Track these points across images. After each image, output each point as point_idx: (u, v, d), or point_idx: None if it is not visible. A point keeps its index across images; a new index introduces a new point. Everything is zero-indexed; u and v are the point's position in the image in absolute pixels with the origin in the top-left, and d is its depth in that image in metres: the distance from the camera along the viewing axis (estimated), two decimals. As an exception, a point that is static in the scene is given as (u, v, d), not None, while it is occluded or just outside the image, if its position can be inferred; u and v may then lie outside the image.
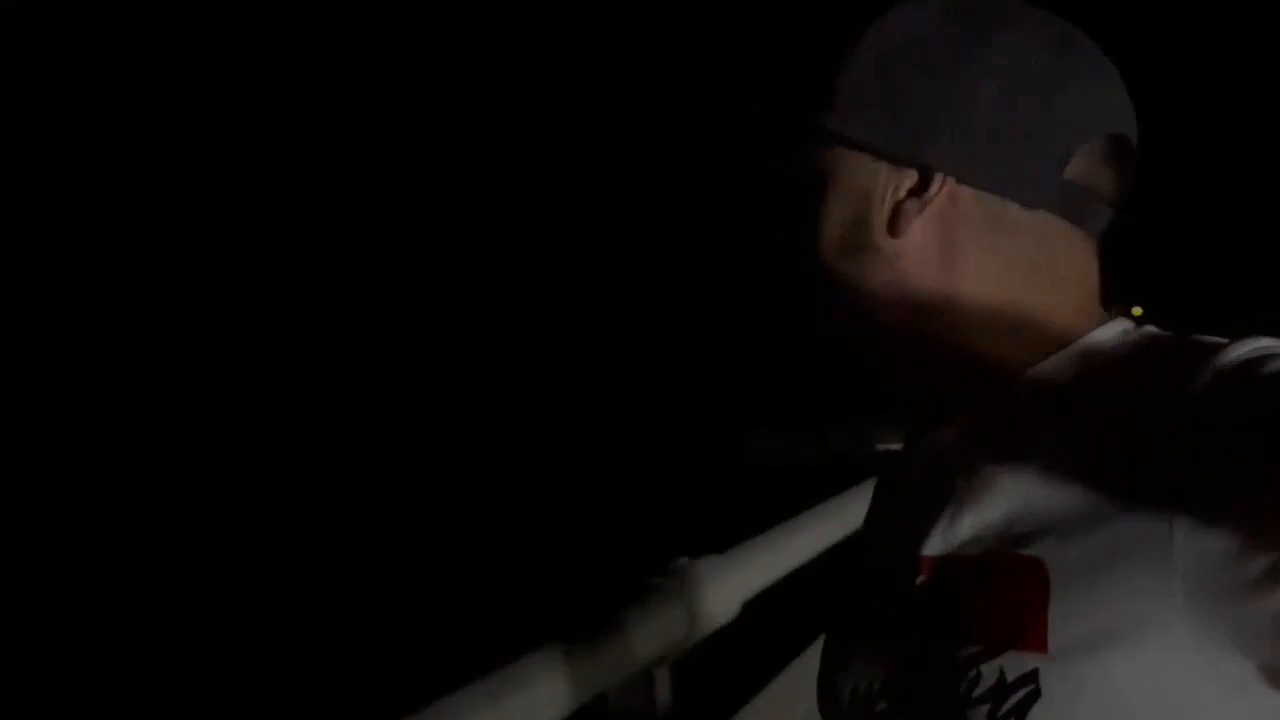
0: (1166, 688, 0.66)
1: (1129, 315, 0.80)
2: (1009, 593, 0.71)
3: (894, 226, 0.79)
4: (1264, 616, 0.62)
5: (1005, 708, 0.69)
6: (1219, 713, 0.66)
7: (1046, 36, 0.79)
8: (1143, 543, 0.67)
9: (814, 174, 0.80)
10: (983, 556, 0.74)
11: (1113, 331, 0.78)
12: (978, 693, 0.70)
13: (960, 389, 0.80)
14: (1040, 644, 0.68)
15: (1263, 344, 0.69)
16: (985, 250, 0.80)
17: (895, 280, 0.79)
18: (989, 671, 0.70)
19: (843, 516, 3.32)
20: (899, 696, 0.77)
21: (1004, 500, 0.74)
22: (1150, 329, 0.78)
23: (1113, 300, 0.81)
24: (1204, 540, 0.64)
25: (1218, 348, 0.70)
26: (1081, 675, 0.67)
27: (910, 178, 0.79)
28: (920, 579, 0.78)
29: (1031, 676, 0.68)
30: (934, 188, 0.79)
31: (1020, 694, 0.68)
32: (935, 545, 0.78)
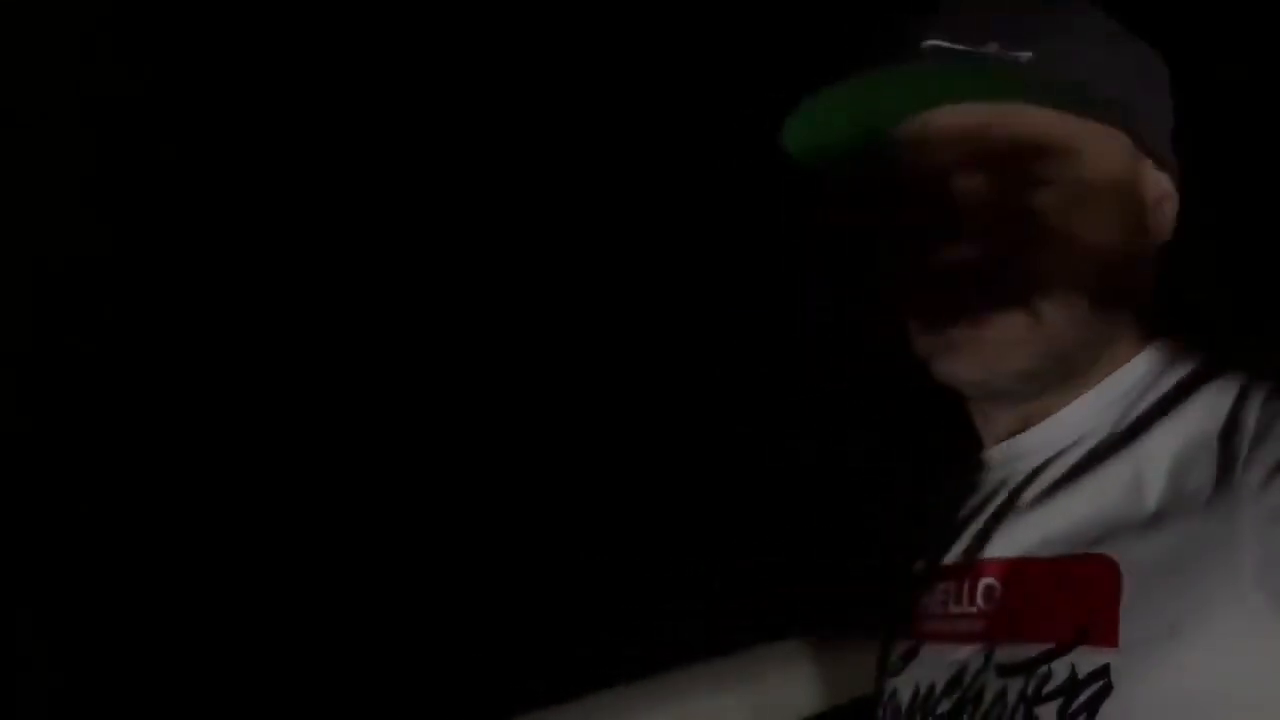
0: (1235, 679, 0.66)
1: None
2: (1080, 590, 0.71)
3: (1161, 227, 0.80)
4: None
5: (1077, 703, 0.68)
6: None
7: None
8: (1210, 539, 0.67)
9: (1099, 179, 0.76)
10: (1054, 558, 0.74)
11: (1172, 343, 0.79)
12: (1048, 690, 0.70)
13: (1061, 390, 0.79)
14: (1112, 639, 0.68)
15: None
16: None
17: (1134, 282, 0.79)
18: (1060, 668, 0.70)
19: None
20: (964, 698, 0.76)
21: (1074, 503, 0.75)
22: (1203, 337, 0.79)
23: None
24: (1269, 534, 0.64)
25: (1267, 352, 0.72)
26: (1153, 669, 0.67)
27: (1164, 179, 0.80)
28: (987, 581, 0.78)
29: (1103, 672, 0.68)
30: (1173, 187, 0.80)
31: (1092, 689, 0.68)
32: (1004, 548, 0.78)
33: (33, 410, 2.69)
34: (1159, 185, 0.79)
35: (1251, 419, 0.69)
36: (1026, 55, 0.73)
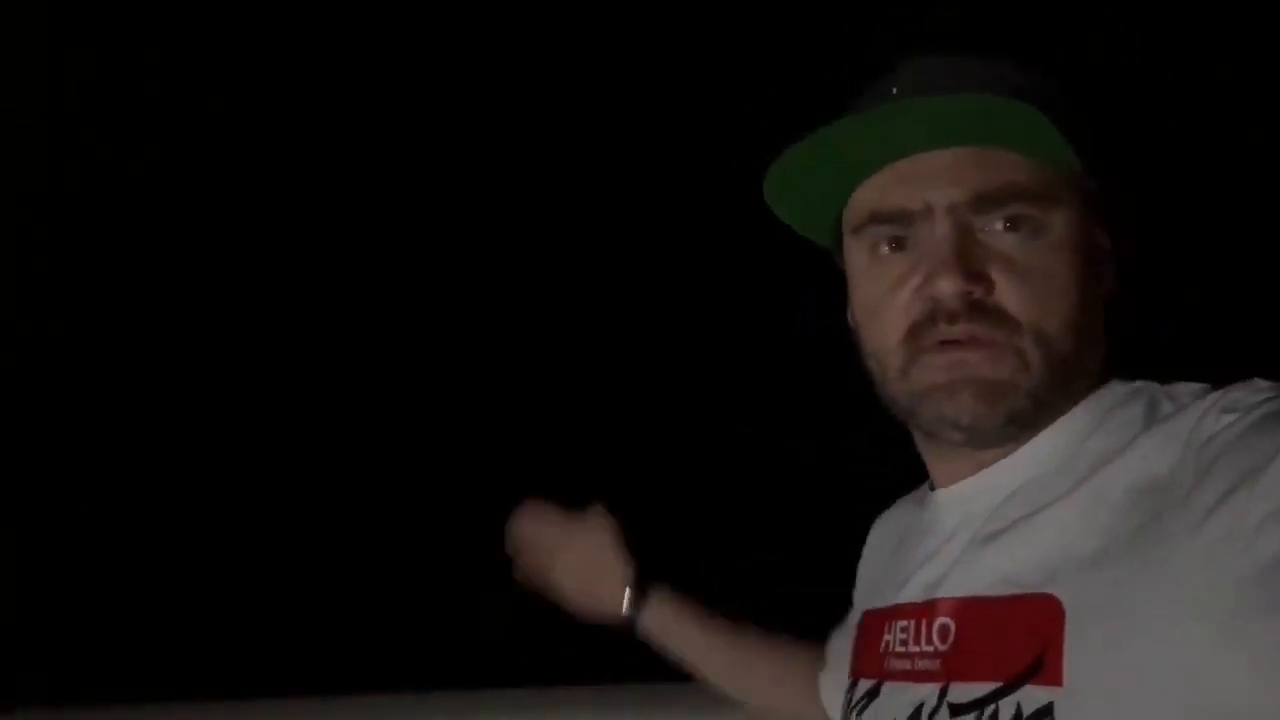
0: (1181, 715, 0.66)
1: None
2: (1027, 630, 0.73)
3: (1109, 280, 0.80)
4: (1276, 637, 0.63)
5: None
6: None
7: None
8: (1151, 577, 0.68)
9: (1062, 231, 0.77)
10: (1003, 597, 0.76)
11: (1119, 385, 0.80)
12: None
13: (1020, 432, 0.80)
14: (1055, 678, 0.70)
15: (1260, 385, 0.71)
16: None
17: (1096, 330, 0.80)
18: (1006, 707, 0.72)
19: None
20: None
21: (1022, 544, 0.76)
22: (1145, 382, 0.79)
23: None
24: (1207, 569, 0.66)
25: (1220, 393, 0.73)
26: (1096, 707, 0.68)
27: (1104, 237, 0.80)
28: (942, 621, 0.79)
29: (1047, 710, 0.69)
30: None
31: None
32: (957, 588, 0.80)
33: (30, 408, 2.69)
34: (1105, 241, 0.80)
35: (1192, 461, 0.70)
36: (1012, 100, 0.73)
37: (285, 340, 2.82)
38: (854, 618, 0.95)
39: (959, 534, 0.82)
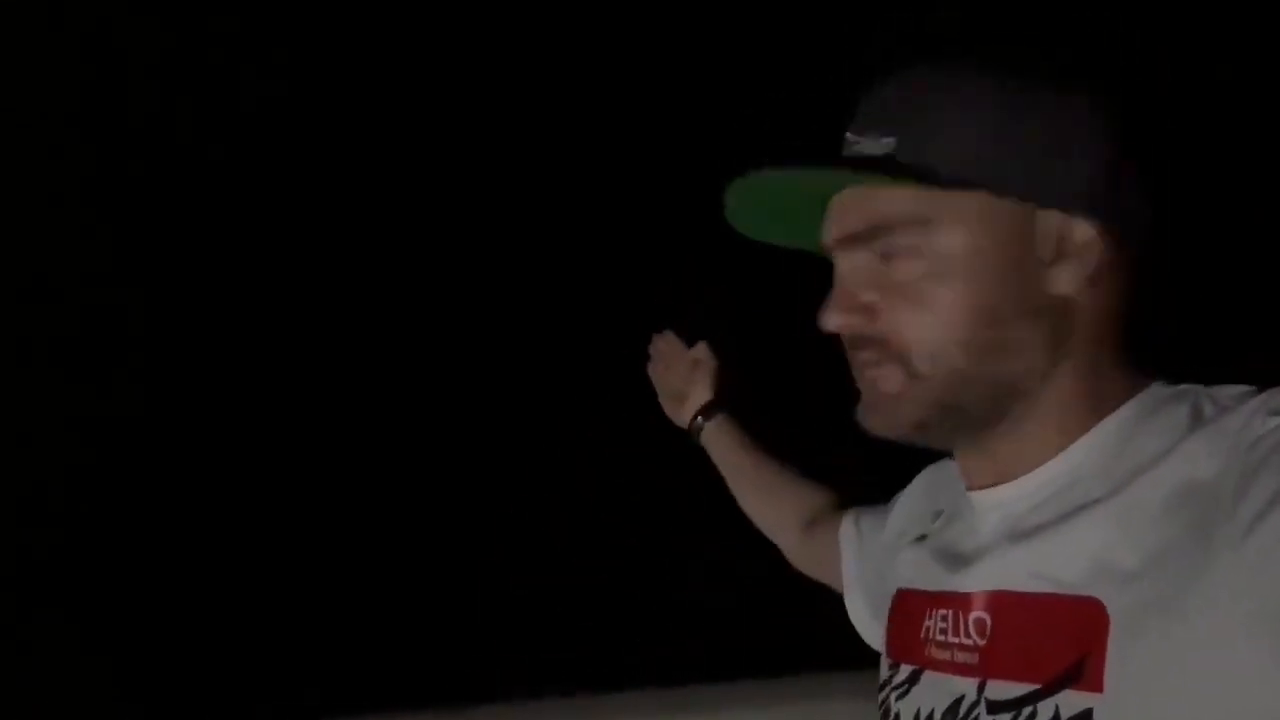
0: None
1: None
2: (1069, 633, 0.73)
3: (1073, 277, 0.80)
4: None
5: None
6: None
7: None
8: (1196, 589, 0.68)
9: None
10: (1043, 594, 0.76)
11: (1155, 393, 0.81)
12: None
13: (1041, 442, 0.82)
14: (1097, 684, 0.70)
15: None
16: (1113, 291, 0.82)
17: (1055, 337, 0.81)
18: (1045, 709, 0.72)
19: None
20: None
21: (1063, 544, 0.77)
22: (1188, 387, 0.80)
23: None
24: (1253, 585, 0.65)
25: (1266, 396, 0.73)
26: (1137, 714, 0.68)
27: (1079, 229, 0.80)
28: (977, 615, 0.81)
29: (1086, 716, 0.69)
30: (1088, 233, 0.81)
31: None
32: (994, 581, 0.80)
33: (35, 409, 2.70)
34: (1068, 237, 0.79)
35: (1235, 469, 0.70)
36: (889, 141, 0.79)
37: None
38: (888, 537, 1.02)
39: (996, 528, 0.83)
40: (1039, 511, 0.79)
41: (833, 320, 0.82)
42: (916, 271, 0.79)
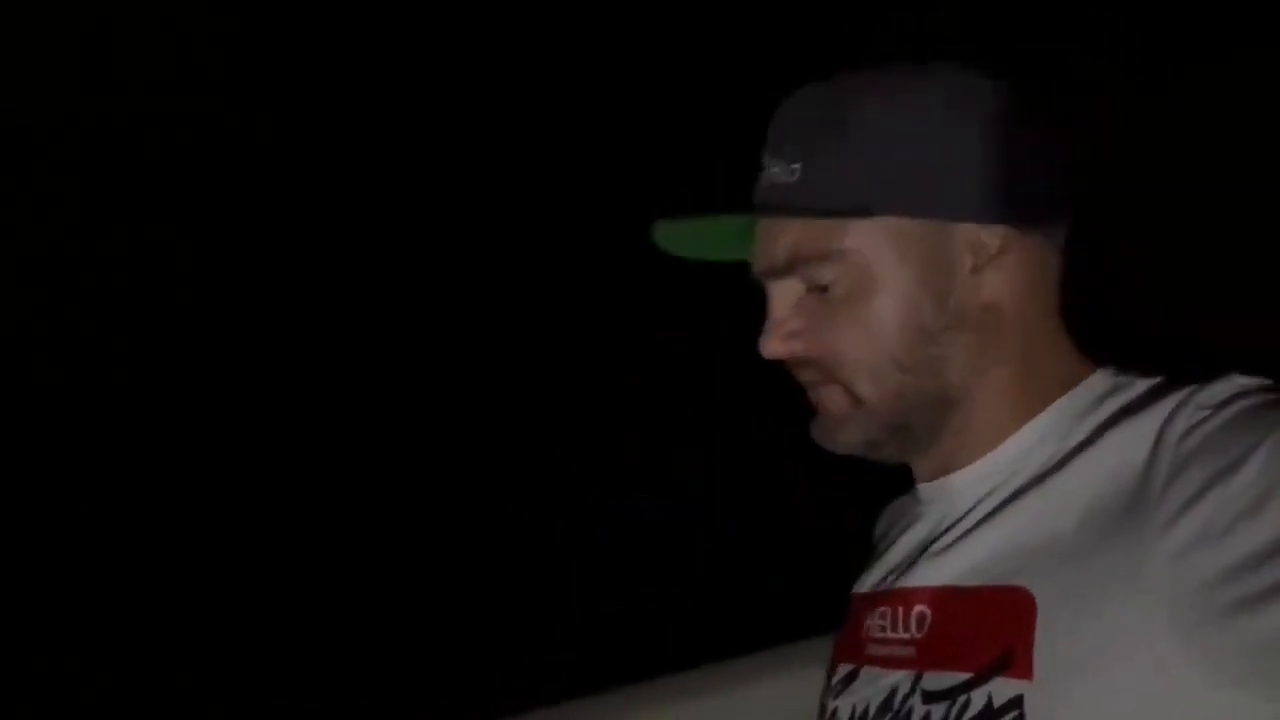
0: (1145, 714, 0.68)
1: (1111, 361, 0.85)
2: (998, 621, 0.74)
3: (995, 282, 0.81)
4: (1245, 640, 0.64)
5: None
6: None
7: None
8: (1121, 576, 0.69)
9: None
10: (977, 587, 0.78)
11: (1101, 380, 0.82)
12: (967, 718, 0.73)
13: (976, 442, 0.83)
14: (1026, 670, 0.71)
15: (1237, 382, 0.73)
16: (1023, 293, 0.83)
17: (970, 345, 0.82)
18: (978, 697, 0.73)
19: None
20: None
21: (996, 536, 0.78)
22: (1131, 377, 0.81)
23: None
24: (1175, 575, 0.67)
25: (1196, 389, 0.74)
26: (1064, 702, 0.69)
27: (994, 233, 0.81)
28: (919, 609, 0.82)
29: (1017, 702, 0.71)
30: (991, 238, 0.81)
31: (1007, 719, 0.71)
32: (935, 577, 0.82)
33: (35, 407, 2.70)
34: (984, 245, 0.80)
35: (1166, 458, 0.71)
36: (795, 168, 0.80)
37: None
38: (848, 602, 1.00)
39: (939, 524, 0.84)
40: (983, 503, 0.81)
41: (769, 348, 0.83)
42: (843, 297, 0.80)
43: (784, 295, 0.83)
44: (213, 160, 2.82)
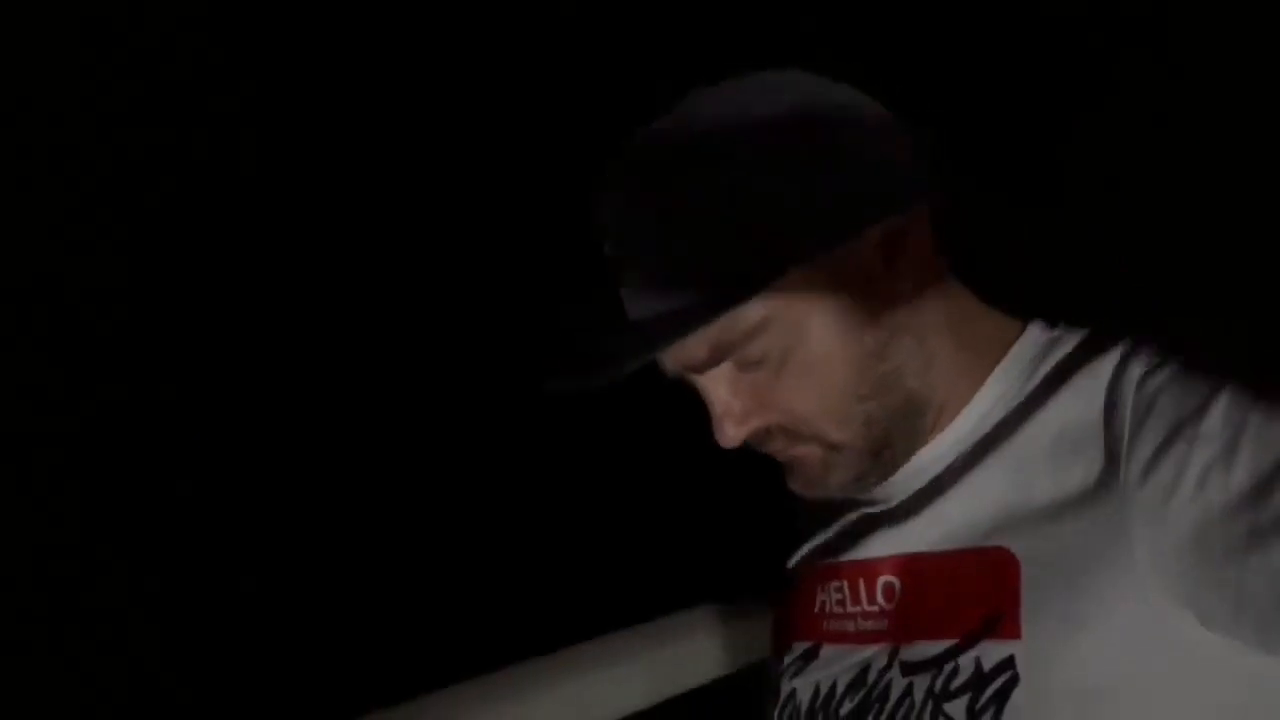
0: (1138, 669, 0.67)
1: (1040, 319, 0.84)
2: (981, 584, 0.73)
3: (913, 268, 0.80)
4: (1227, 590, 0.64)
5: (985, 697, 0.70)
6: (1193, 689, 0.67)
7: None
8: (1104, 532, 0.69)
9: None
10: (950, 551, 0.77)
11: (1037, 335, 0.82)
12: (955, 685, 0.72)
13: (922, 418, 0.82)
14: (1014, 631, 0.70)
15: (1176, 334, 0.73)
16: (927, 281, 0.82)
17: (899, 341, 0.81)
18: (966, 663, 0.72)
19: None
20: (868, 697, 0.78)
21: (965, 499, 0.78)
22: (1061, 330, 0.81)
23: None
24: (1155, 529, 0.67)
25: (1131, 340, 0.75)
26: (1058, 658, 0.68)
27: (889, 225, 0.79)
28: (886, 579, 0.80)
29: (1009, 663, 0.70)
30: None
31: (999, 681, 0.70)
32: (899, 545, 0.81)
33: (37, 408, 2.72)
34: (883, 243, 0.78)
35: (1128, 402, 0.71)
36: (664, 292, 0.74)
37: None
38: (789, 580, 0.97)
39: (895, 495, 0.82)
40: (939, 476, 0.80)
41: (728, 436, 0.78)
42: (779, 360, 0.76)
43: (717, 382, 0.79)
44: (209, 160, 2.83)
